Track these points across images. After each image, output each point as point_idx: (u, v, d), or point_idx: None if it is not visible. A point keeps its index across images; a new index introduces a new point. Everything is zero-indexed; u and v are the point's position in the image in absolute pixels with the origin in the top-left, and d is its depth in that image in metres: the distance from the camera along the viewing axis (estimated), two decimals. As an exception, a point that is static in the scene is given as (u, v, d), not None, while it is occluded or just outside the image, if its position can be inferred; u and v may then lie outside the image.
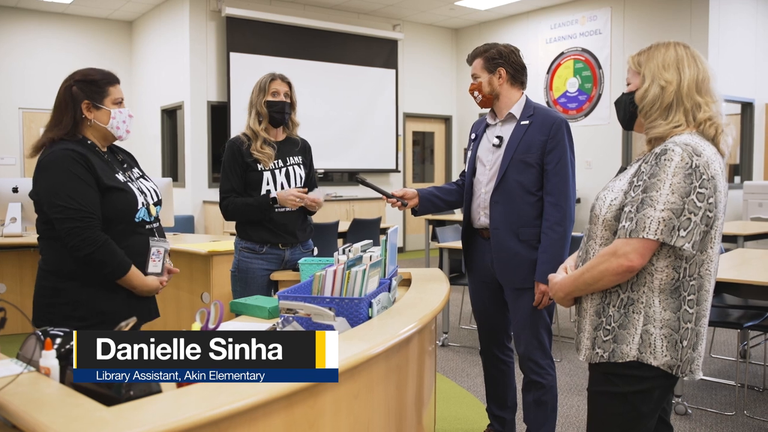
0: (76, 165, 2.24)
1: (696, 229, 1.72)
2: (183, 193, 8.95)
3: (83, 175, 2.24)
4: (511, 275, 2.84)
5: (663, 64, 1.83)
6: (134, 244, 2.38)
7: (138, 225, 2.40)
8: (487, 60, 2.85)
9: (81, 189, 2.23)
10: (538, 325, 2.84)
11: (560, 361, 4.69)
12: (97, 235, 2.24)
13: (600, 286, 1.84)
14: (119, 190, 2.34)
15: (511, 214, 2.80)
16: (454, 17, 10.58)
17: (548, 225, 2.75)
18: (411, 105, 10.96)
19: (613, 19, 9.10)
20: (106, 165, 2.36)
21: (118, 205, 2.33)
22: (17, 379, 1.43)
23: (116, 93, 2.39)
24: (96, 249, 2.23)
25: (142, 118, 10.20)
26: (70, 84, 2.33)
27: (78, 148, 2.27)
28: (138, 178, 2.50)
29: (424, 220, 8.33)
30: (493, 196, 2.84)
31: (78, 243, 2.21)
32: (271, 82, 3.13)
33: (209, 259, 4.48)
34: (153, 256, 2.43)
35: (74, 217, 2.21)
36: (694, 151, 1.73)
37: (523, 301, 2.83)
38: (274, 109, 3.13)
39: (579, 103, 9.51)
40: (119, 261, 2.29)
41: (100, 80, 2.36)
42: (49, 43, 9.60)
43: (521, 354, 2.89)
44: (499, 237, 2.83)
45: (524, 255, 2.79)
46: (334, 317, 2.06)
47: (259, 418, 1.47)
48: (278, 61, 8.98)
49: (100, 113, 2.35)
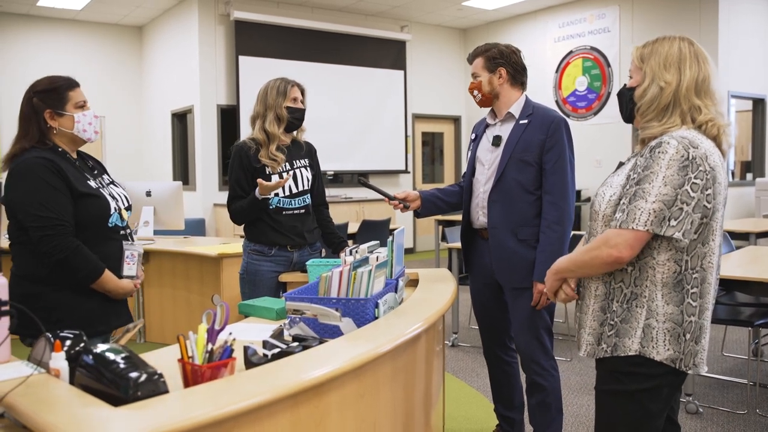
0: (48, 173, 2.25)
1: (687, 218, 1.72)
2: (194, 196, 9.00)
3: (55, 182, 2.26)
4: (510, 275, 2.82)
5: (664, 63, 1.83)
6: (108, 248, 2.40)
7: (111, 230, 2.42)
8: (487, 59, 2.85)
9: (53, 197, 2.25)
10: (538, 326, 2.82)
11: (570, 360, 4.69)
12: (69, 241, 2.26)
13: (588, 271, 1.86)
14: (92, 196, 2.35)
15: (509, 214, 2.79)
16: (462, 17, 10.57)
17: (546, 224, 2.74)
18: (420, 106, 10.97)
19: (621, 16, 9.07)
20: (78, 171, 2.38)
21: (91, 210, 2.35)
22: (28, 380, 1.45)
23: (77, 96, 2.39)
24: (68, 254, 2.25)
25: (152, 122, 10.28)
26: (30, 96, 2.35)
27: (49, 156, 2.29)
28: (108, 184, 2.52)
29: (433, 221, 8.33)
30: (491, 195, 2.82)
31: (50, 249, 2.24)
32: (292, 88, 3.15)
33: (219, 262, 4.52)
34: (127, 259, 2.46)
35: (46, 225, 2.23)
36: (690, 144, 1.73)
37: (522, 301, 2.82)
38: (295, 115, 3.15)
39: (588, 102, 9.49)
40: (92, 265, 2.31)
41: (58, 87, 2.37)
42: (61, 49, 9.68)
43: (523, 355, 2.88)
44: (497, 236, 2.82)
45: (523, 254, 2.78)
46: (340, 318, 2.07)
47: (265, 417, 1.48)
48: (287, 64, 9.02)
49: (64, 119, 2.36)
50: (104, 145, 10.14)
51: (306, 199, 3.25)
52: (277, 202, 3.15)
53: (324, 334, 2.06)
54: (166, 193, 5.26)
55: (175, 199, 5.26)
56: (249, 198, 3.09)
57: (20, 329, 2.13)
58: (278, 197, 3.15)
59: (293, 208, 3.19)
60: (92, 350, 1.50)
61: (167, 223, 5.27)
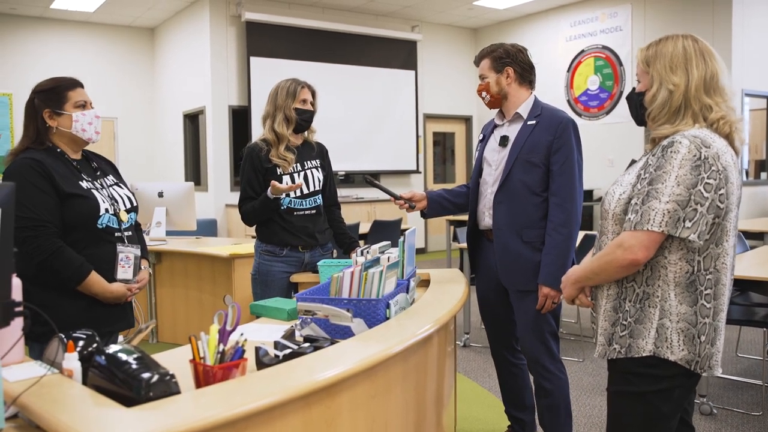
0: (33, 173, 2.25)
1: (702, 219, 1.71)
2: (206, 197, 9.04)
3: (38, 182, 2.25)
4: (515, 277, 2.79)
5: (670, 65, 1.81)
6: (99, 251, 2.38)
7: (103, 232, 2.38)
8: (494, 60, 2.82)
9: (35, 197, 2.24)
10: (543, 329, 2.78)
11: (582, 361, 4.67)
12: (50, 243, 2.24)
13: (606, 276, 1.84)
14: (79, 197, 2.33)
15: (514, 215, 2.76)
16: (473, 17, 10.55)
17: (552, 226, 2.70)
18: (431, 106, 10.96)
19: (633, 15, 9.02)
20: (71, 172, 2.37)
21: (79, 210, 2.32)
22: (41, 380, 1.46)
23: (77, 96, 2.39)
24: (48, 256, 2.24)
25: (164, 123, 10.33)
26: (32, 96, 2.38)
27: (38, 156, 2.29)
28: (111, 185, 2.50)
29: (445, 221, 8.31)
30: (497, 196, 2.79)
31: (31, 250, 2.23)
32: (301, 90, 3.15)
33: (231, 262, 4.53)
34: (122, 262, 2.42)
35: (27, 225, 2.22)
36: (702, 143, 1.72)
37: (526, 303, 2.78)
38: (303, 117, 3.16)
39: (600, 101, 9.44)
40: (75, 267, 2.28)
41: (57, 87, 2.37)
42: (74, 51, 9.75)
43: (528, 358, 2.85)
44: (502, 238, 2.79)
45: (528, 257, 2.74)
46: (351, 318, 2.07)
47: (277, 418, 1.48)
48: (298, 65, 9.04)
49: (63, 119, 2.36)
50: (117, 146, 10.21)
51: (317, 200, 3.25)
52: (289, 202, 3.15)
53: (335, 334, 2.06)
54: (178, 193, 5.28)
55: (187, 200, 5.28)
56: (260, 198, 3.09)
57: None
58: (289, 198, 3.15)
59: (304, 209, 3.19)
60: (105, 351, 1.51)
61: (179, 223, 5.29)
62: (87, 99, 2.42)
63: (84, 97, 2.41)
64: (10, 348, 1.56)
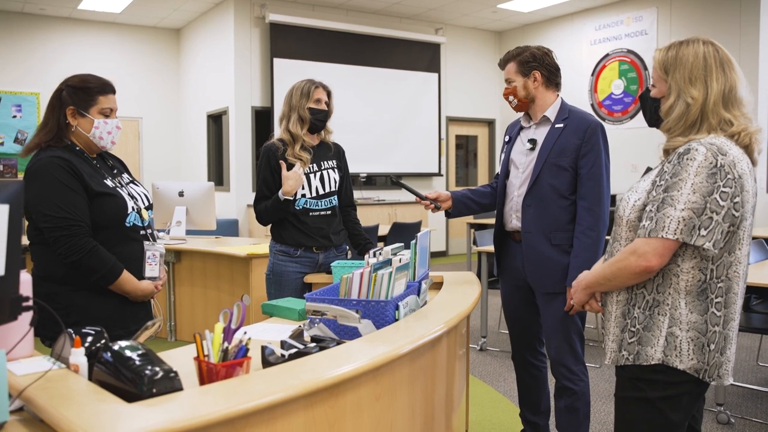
0: (63, 172, 2.23)
1: (717, 227, 1.68)
2: (228, 197, 9.11)
3: (69, 182, 2.24)
4: (543, 279, 2.80)
5: (690, 76, 1.78)
6: (127, 249, 2.38)
7: (130, 230, 2.39)
8: (520, 63, 2.82)
9: (67, 197, 2.23)
10: (569, 330, 2.79)
11: (599, 367, 4.61)
12: (85, 242, 2.24)
13: (618, 283, 1.82)
14: (108, 195, 2.33)
15: (543, 218, 2.77)
16: (497, 20, 10.51)
17: (581, 230, 2.71)
18: (454, 109, 10.93)
19: (659, 19, 8.91)
20: (94, 171, 2.36)
21: (107, 210, 2.32)
22: (47, 375, 1.48)
23: (106, 103, 2.36)
24: (83, 255, 2.23)
25: (188, 123, 10.43)
26: (62, 88, 2.34)
27: (65, 155, 2.27)
28: (128, 184, 2.49)
29: (466, 225, 8.29)
30: (525, 199, 2.80)
31: (65, 251, 2.22)
32: (315, 90, 3.17)
33: (248, 262, 4.56)
34: (149, 260, 2.44)
35: (61, 225, 2.21)
36: (719, 151, 1.69)
37: (554, 306, 2.79)
38: (317, 117, 3.17)
39: (624, 105, 9.34)
40: (110, 266, 2.28)
41: (91, 88, 2.34)
42: (101, 51, 9.89)
43: (553, 359, 2.85)
44: (530, 240, 2.80)
45: (556, 259, 2.76)
46: (359, 319, 2.07)
47: (278, 417, 1.49)
48: (321, 66, 9.07)
49: (84, 121, 2.33)
50: (141, 146, 10.33)
51: (333, 201, 3.26)
52: (304, 203, 3.16)
53: (343, 335, 2.06)
54: (199, 193, 5.33)
55: (207, 200, 5.32)
56: (273, 198, 3.11)
57: (39, 329, 2.11)
58: (305, 198, 3.16)
59: (320, 210, 3.20)
60: (110, 347, 1.53)
61: (199, 223, 5.34)
62: (114, 107, 2.40)
63: (112, 105, 2.39)
64: (17, 342, 1.58)
